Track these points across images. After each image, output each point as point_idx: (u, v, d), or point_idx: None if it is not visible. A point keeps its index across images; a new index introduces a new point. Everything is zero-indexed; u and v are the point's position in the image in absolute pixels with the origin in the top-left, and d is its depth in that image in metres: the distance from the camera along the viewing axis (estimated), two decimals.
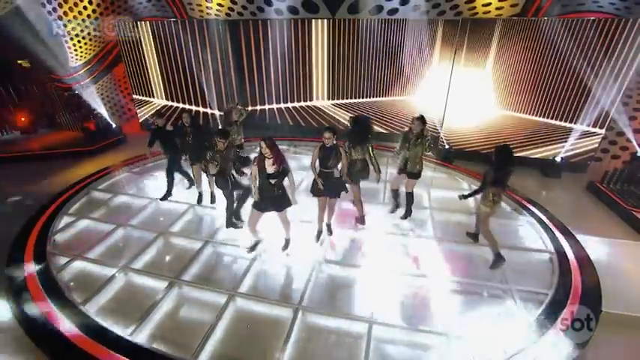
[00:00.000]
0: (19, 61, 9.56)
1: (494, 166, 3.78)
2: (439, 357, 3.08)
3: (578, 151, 7.06)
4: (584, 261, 4.17)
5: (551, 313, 3.42)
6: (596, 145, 6.94)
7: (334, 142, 3.93)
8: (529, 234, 4.94)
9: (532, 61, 6.75)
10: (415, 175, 4.66)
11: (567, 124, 6.95)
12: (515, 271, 4.08)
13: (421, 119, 4.38)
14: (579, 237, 4.65)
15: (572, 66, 6.49)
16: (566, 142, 7.04)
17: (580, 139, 6.94)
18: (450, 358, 3.04)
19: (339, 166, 4.13)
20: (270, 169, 3.68)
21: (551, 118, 7.03)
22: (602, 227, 5.17)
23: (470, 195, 4.24)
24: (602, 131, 6.76)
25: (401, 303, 3.66)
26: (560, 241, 4.57)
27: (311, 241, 4.51)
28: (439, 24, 7.31)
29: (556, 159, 7.15)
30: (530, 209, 5.35)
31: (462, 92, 7.35)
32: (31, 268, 4.01)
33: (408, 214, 5.05)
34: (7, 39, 8.48)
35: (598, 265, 4.07)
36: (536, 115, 7.13)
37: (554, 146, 7.17)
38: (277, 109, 9.20)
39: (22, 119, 9.46)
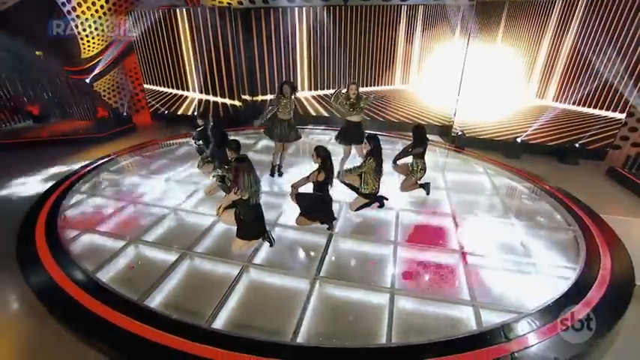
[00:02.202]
0: (36, 53, 9.64)
1: (419, 142, 4.65)
2: (465, 328, 2.92)
3: (596, 137, 6.86)
4: (612, 238, 4.00)
5: (581, 286, 3.25)
6: (616, 132, 6.74)
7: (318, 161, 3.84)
8: (551, 214, 4.77)
9: (547, 45, 6.62)
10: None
11: (585, 109, 6.77)
12: (540, 248, 3.93)
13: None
14: (604, 217, 4.48)
15: (589, 48, 6.33)
16: (583, 127, 6.85)
17: (598, 125, 6.74)
18: (476, 326, 2.88)
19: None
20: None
21: (568, 104, 6.86)
22: (627, 209, 5.00)
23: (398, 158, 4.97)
24: (623, 116, 6.55)
25: (424, 277, 3.53)
26: (584, 219, 4.40)
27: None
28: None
29: (575, 145, 6.94)
30: (550, 191, 5.17)
31: (477, 78, 7.22)
32: (43, 239, 3.96)
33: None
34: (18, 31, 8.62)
35: (627, 243, 3.89)
36: (552, 101, 6.96)
37: (571, 132, 6.99)
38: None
39: (35, 108, 9.54)
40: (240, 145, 4.08)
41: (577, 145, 6.93)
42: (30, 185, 5.72)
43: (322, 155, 3.83)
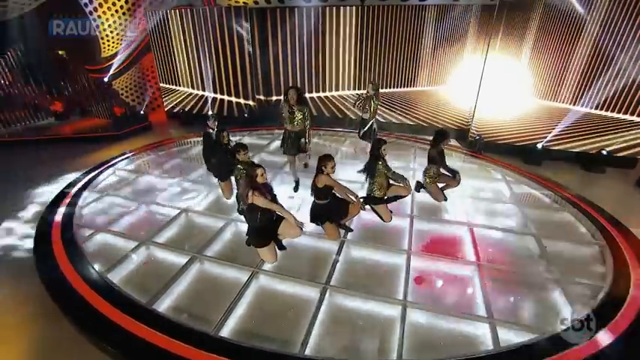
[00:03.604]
0: (59, 52, 9.89)
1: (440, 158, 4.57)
2: (481, 347, 2.78)
3: (625, 144, 6.50)
4: None
5: (609, 305, 3.06)
6: None
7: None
8: (575, 226, 4.53)
9: (569, 46, 6.33)
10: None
11: (611, 114, 6.43)
12: (563, 262, 3.72)
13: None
14: (633, 230, 4.22)
15: (609, 48, 6.01)
16: (608, 133, 6.52)
17: (628, 131, 6.39)
18: (493, 345, 2.74)
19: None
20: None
21: (593, 108, 6.53)
22: None
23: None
24: None
25: (438, 289, 3.40)
26: (611, 232, 4.15)
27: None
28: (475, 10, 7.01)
29: (602, 152, 6.60)
30: (573, 202, 4.92)
31: (496, 81, 6.98)
32: (59, 237, 4.03)
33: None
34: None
35: None
36: (576, 105, 6.64)
37: (596, 139, 6.66)
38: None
39: (57, 107, 9.81)
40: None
41: (604, 152, 6.59)
42: (48, 183, 5.85)
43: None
